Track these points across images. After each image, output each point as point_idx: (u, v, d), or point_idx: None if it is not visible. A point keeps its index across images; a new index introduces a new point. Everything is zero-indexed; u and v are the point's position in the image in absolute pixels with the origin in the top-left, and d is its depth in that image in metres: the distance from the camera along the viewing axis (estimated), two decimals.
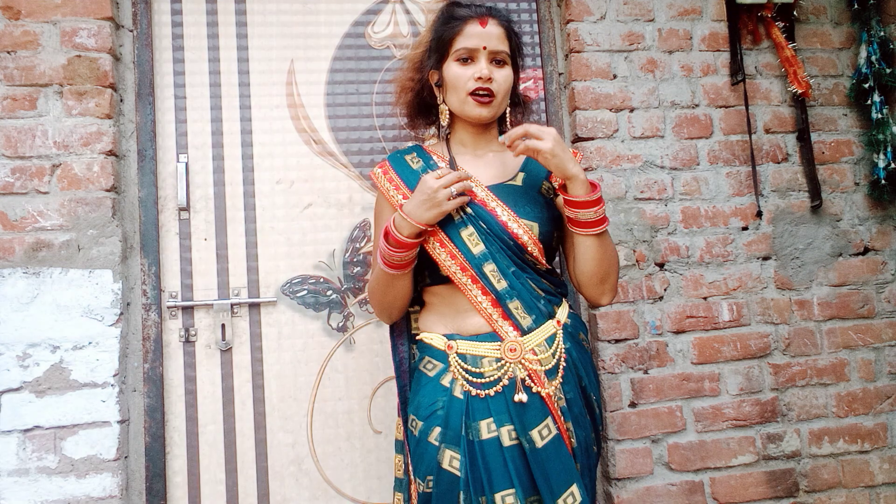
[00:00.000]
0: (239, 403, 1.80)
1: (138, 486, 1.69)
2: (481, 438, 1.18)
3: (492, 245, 1.25)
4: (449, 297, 1.29)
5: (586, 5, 1.98)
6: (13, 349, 1.62)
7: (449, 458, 1.19)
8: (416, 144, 1.44)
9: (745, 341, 1.92)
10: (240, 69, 1.91)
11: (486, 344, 1.24)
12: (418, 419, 1.24)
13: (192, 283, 1.81)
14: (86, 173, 1.70)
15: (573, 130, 1.97)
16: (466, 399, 1.21)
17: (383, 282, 1.28)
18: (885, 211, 2.06)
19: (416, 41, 1.43)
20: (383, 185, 1.35)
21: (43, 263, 1.66)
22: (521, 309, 1.24)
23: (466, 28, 1.28)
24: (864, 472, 1.93)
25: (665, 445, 1.85)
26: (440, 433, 1.20)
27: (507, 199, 1.29)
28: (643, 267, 1.91)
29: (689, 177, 1.97)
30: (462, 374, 1.22)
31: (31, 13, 1.72)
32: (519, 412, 1.19)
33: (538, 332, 1.25)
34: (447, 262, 1.25)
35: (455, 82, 1.29)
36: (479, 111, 1.29)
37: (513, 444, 1.18)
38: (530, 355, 1.22)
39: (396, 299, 1.30)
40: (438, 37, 1.32)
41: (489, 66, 1.28)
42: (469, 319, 1.27)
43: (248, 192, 1.88)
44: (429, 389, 1.25)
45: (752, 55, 2.05)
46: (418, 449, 1.23)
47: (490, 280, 1.23)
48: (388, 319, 1.36)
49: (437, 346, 1.27)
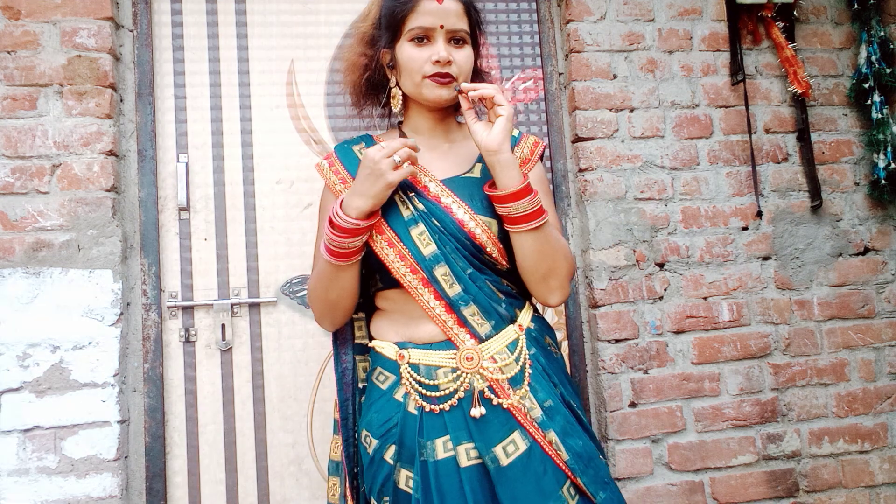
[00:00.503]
0: (239, 403, 1.80)
1: (138, 486, 1.69)
2: (436, 458, 1.06)
3: (445, 245, 1.12)
4: (401, 301, 1.17)
5: (586, 5, 1.98)
6: (13, 349, 1.62)
7: (405, 477, 1.09)
8: (365, 134, 1.32)
9: (745, 341, 1.92)
10: (240, 69, 1.91)
11: (441, 353, 1.12)
12: (372, 437, 1.13)
13: (192, 283, 1.81)
14: (86, 173, 1.70)
15: (573, 130, 1.97)
16: (420, 415, 1.09)
17: (327, 276, 1.14)
18: (885, 211, 2.06)
19: (364, 12, 1.26)
20: (329, 178, 1.22)
21: (43, 263, 1.66)
22: (477, 315, 1.12)
23: (421, 4, 1.13)
24: (864, 472, 1.93)
25: (665, 445, 1.85)
26: (395, 452, 1.10)
27: (462, 194, 1.16)
28: (643, 267, 1.91)
29: (689, 177, 1.97)
30: (415, 388, 1.10)
31: (31, 13, 1.72)
32: (480, 428, 1.07)
33: (498, 339, 1.13)
34: (396, 263, 1.12)
35: (410, 65, 1.15)
36: (439, 92, 1.15)
37: (472, 465, 1.06)
38: (489, 363, 1.10)
39: (341, 297, 1.16)
40: (389, 13, 1.17)
41: (447, 47, 1.14)
42: (422, 326, 1.14)
43: (248, 192, 1.88)
44: (381, 404, 1.14)
45: (752, 55, 2.05)
46: (372, 467, 1.12)
47: (441, 284, 1.11)
48: (330, 324, 1.21)
49: (389, 356, 1.15)
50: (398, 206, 1.14)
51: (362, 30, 1.25)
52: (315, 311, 1.20)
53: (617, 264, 1.89)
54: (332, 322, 1.21)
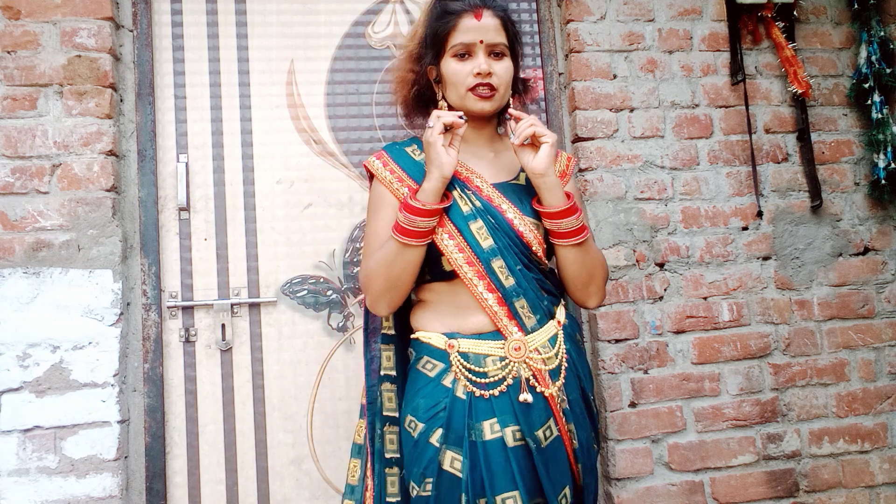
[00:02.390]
0: (239, 403, 1.80)
1: (138, 486, 1.69)
2: (484, 439, 1.16)
3: (500, 241, 1.22)
4: (448, 294, 1.26)
5: (586, 5, 1.98)
6: (13, 349, 1.62)
7: (450, 459, 1.16)
8: (414, 137, 1.40)
9: (745, 341, 1.92)
10: (240, 69, 1.91)
11: (490, 342, 1.21)
12: (418, 421, 1.20)
13: (192, 283, 1.81)
14: (86, 173, 1.70)
15: (573, 130, 1.97)
16: (469, 399, 1.18)
17: (393, 252, 1.20)
18: (885, 211, 2.06)
19: (411, 33, 1.39)
20: (383, 176, 1.30)
21: (43, 263, 1.66)
22: (526, 308, 1.22)
23: (461, 22, 1.24)
24: (864, 472, 1.93)
25: (665, 445, 1.85)
26: (442, 434, 1.17)
27: (511, 198, 1.27)
28: (643, 267, 1.91)
29: (689, 177, 1.97)
30: (465, 374, 1.19)
31: (31, 13, 1.72)
32: (524, 412, 1.17)
33: (542, 332, 1.23)
34: (454, 254, 1.21)
35: (454, 79, 1.26)
36: (482, 105, 1.26)
37: (517, 445, 1.16)
38: (534, 354, 1.21)
39: (403, 274, 1.21)
40: (433, 32, 1.28)
41: (488, 60, 1.25)
42: (471, 317, 1.24)
43: (248, 192, 1.88)
44: (429, 390, 1.21)
45: (752, 55, 2.05)
46: (416, 450, 1.19)
47: (498, 276, 1.21)
48: (387, 304, 1.24)
49: (437, 346, 1.23)
50: (458, 202, 1.24)
51: (410, 48, 1.37)
52: (373, 290, 1.23)
53: (617, 264, 1.89)
54: (389, 301, 1.24)
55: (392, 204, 1.27)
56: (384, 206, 1.28)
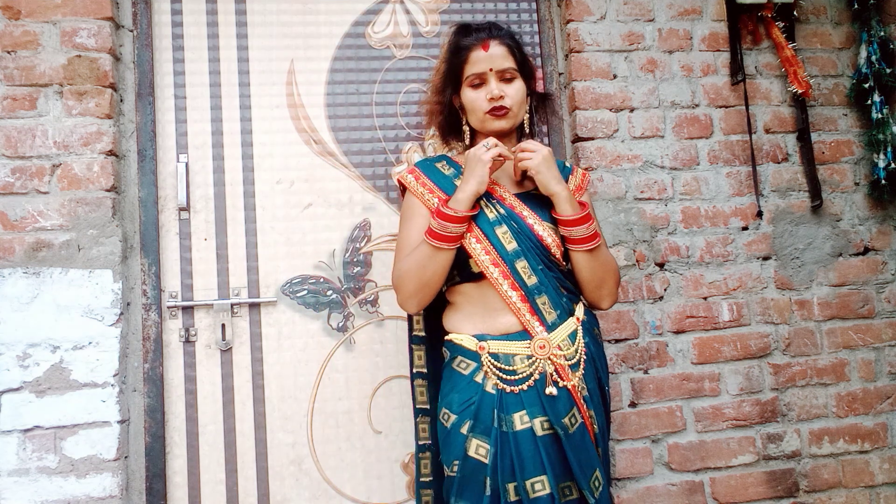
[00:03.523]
0: (239, 403, 1.80)
1: (138, 486, 1.69)
2: (515, 430, 1.28)
3: (523, 244, 1.35)
4: (477, 295, 1.38)
5: (586, 5, 1.98)
6: (13, 349, 1.62)
7: (475, 446, 1.29)
8: (443, 154, 1.55)
9: (745, 341, 1.92)
10: (240, 69, 1.91)
11: (517, 343, 1.33)
12: (451, 413, 1.33)
13: (192, 283, 1.81)
14: (86, 173, 1.70)
15: (573, 130, 1.97)
16: (499, 395, 1.30)
17: (426, 256, 1.33)
18: (885, 211, 2.06)
19: (435, 68, 1.60)
20: (416, 189, 1.44)
21: (43, 263, 1.66)
22: (547, 304, 1.35)
23: (472, 55, 1.41)
24: (864, 472, 1.93)
25: (665, 445, 1.85)
26: (471, 425, 1.30)
27: (532, 206, 1.40)
28: (643, 267, 1.91)
29: (689, 177, 1.97)
30: (495, 373, 1.31)
31: (31, 13, 1.72)
32: (551, 403, 1.29)
33: (562, 329, 1.35)
34: (481, 256, 1.34)
35: (472, 106, 1.43)
36: (499, 124, 1.41)
37: (546, 434, 1.28)
38: (557, 351, 1.32)
39: (435, 275, 1.34)
40: (450, 68, 1.46)
41: (499, 85, 1.40)
42: (499, 318, 1.36)
43: (248, 192, 1.88)
44: (463, 386, 1.34)
45: (752, 55, 2.05)
46: (448, 438, 1.33)
47: (521, 276, 1.34)
48: (417, 304, 1.38)
49: (469, 347, 1.35)
50: (484, 210, 1.38)
51: (435, 81, 1.55)
52: (406, 290, 1.37)
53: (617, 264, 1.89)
54: (420, 300, 1.37)
55: (423, 213, 1.41)
56: (416, 215, 1.42)
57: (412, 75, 1.99)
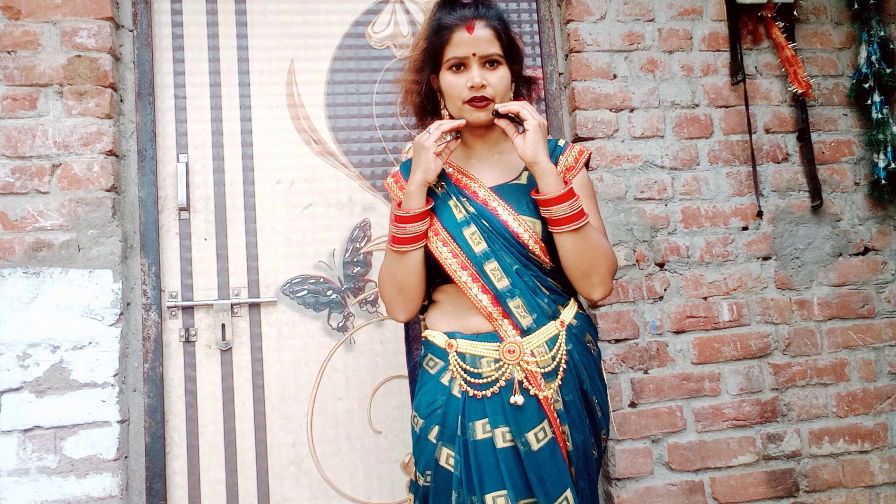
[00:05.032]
0: (239, 403, 1.80)
1: (138, 486, 1.69)
2: (475, 439, 1.19)
3: (494, 243, 1.25)
4: (454, 294, 1.29)
5: (586, 5, 1.98)
6: (13, 349, 1.62)
7: (446, 455, 1.20)
8: None
9: (745, 341, 1.92)
10: (240, 69, 1.91)
11: (486, 344, 1.23)
12: (419, 416, 1.26)
13: (192, 283, 1.81)
14: (86, 173, 1.70)
15: (573, 130, 1.97)
16: (463, 399, 1.21)
17: (394, 260, 1.27)
18: (885, 211, 2.06)
19: (414, 42, 1.42)
20: (396, 193, 1.37)
21: (43, 263, 1.66)
22: (521, 308, 1.23)
23: (454, 36, 1.27)
24: (864, 472, 1.93)
25: (665, 445, 1.85)
26: (438, 431, 1.21)
27: (508, 198, 1.29)
28: (643, 267, 1.91)
29: (689, 177, 1.97)
30: (460, 374, 1.22)
31: (31, 13, 1.72)
32: (515, 414, 1.19)
33: (539, 333, 1.24)
34: (449, 260, 1.25)
35: (450, 91, 1.29)
36: (477, 115, 1.28)
37: (507, 446, 1.18)
38: (529, 357, 1.21)
39: (407, 278, 1.27)
40: (429, 47, 1.32)
41: (481, 72, 1.27)
42: (472, 318, 1.27)
43: (248, 192, 1.88)
44: (429, 387, 1.26)
45: (752, 55, 2.05)
46: (419, 445, 1.25)
47: (490, 278, 1.23)
48: (402, 310, 1.31)
49: (438, 344, 1.28)
50: (452, 210, 1.28)
51: (413, 58, 1.40)
52: (385, 297, 1.31)
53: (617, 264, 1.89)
54: (404, 307, 1.30)
55: None
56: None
57: None
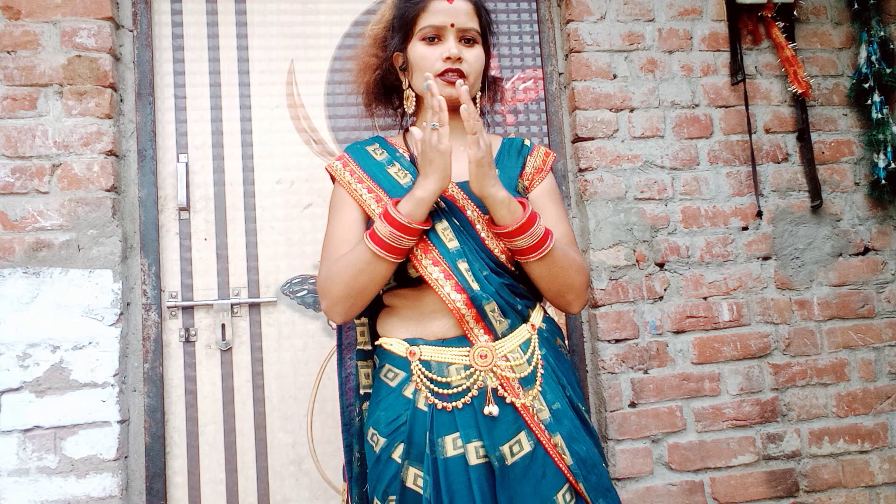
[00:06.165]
0: (239, 403, 1.80)
1: (138, 486, 1.69)
2: (446, 456, 1.06)
3: (466, 244, 1.14)
4: (414, 299, 1.16)
5: (586, 5, 1.98)
6: (13, 349, 1.62)
7: (413, 476, 1.07)
8: (377, 136, 1.31)
9: (745, 341, 1.92)
10: (240, 69, 1.91)
11: (454, 349, 1.11)
12: (379, 435, 1.11)
13: (192, 283, 1.81)
14: (86, 173, 1.70)
15: (573, 130, 1.97)
16: (431, 412, 1.08)
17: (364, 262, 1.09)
18: (885, 211, 2.06)
19: (378, 16, 1.29)
20: (343, 177, 1.21)
21: (43, 263, 1.66)
22: (497, 312, 1.12)
23: (432, 4, 1.16)
24: (864, 472, 1.93)
25: (665, 445, 1.85)
26: (404, 450, 1.08)
27: (475, 198, 1.16)
28: (643, 267, 1.91)
29: (689, 177, 1.97)
30: (426, 385, 1.10)
31: (31, 13, 1.72)
32: (489, 426, 1.07)
33: (512, 337, 1.13)
34: (419, 255, 1.12)
35: (421, 63, 1.17)
36: (449, 91, 1.13)
37: (480, 463, 1.06)
38: (502, 362, 1.10)
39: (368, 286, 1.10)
40: (401, 14, 1.20)
41: (458, 46, 1.16)
42: (435, 322, 1.14)
43: (248, 192, 1.88)
44: (390, 401, 1.13)
45: (752, 55, 2.05)
46: (378, 467, 1.11)
47: (465, 278, 1.11)
48: (343, 313, 1.13)
49: (398, 353, 1.14)
50: None
51: (375, 31, 1.27)
52: (331, 296, 1.12)
53: (617, 264, 1.89)
54: (348, 310, 1.13)
55: (352, 205, 1.19)
56: (344, 206, 1.20)
57: None
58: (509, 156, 1.27)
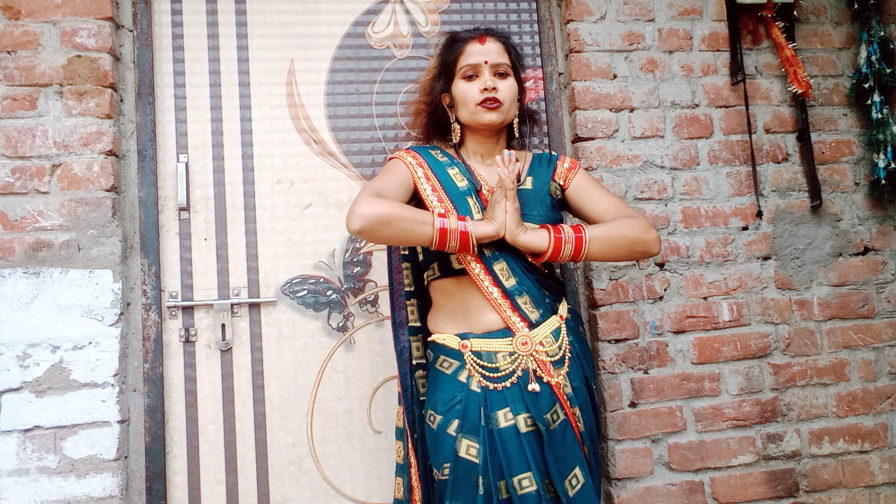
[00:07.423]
0: (239, 403, 1.80)
1: (138, 486, 1.69)
2: (499, 427, 1.29)
3: (502, 246, 1.36)
4: (458, 293, 1.40)
5: (586, 5, 1.98)
6: (13, 349, 1.62)
7: (466, 446, 1.29)
8: (434, 145, 1.55)
9: (745, 341, 1.92)
10: (240, 69, 1.91)
11: (499, 340, 1.35)
12: (437, 413, 1.34)
13: (192, 283, 1.81)
14: (86, 173, 1.70)
15: (573, 130, 1.97)
16: (483, 392, 1.32)
17: (412, 221, 1.29)
18: (885, 211, 2.06)
19: (426, 69, 1.59)
20: (409, 162, 1.44)
21: (43, 263, 1.66)
22: (529, 303, 1.37)
23: (468, 48, 1.44)
24: (864, 472, 1.93)
25: (665, 445, 1.85)
26: (458, 425, 1.30)
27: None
28: (643, 267, 1.91)
29: (689, 177, 1.97)
30: (478, 371, 1.33)
31: (31, 13, 1.72)
32: (533, 400, 1.31)
33: (545, 326, 1.37)
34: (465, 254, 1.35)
35: (464, 97, 1.43)
36: (490, 116, 1.41)
37: (529, 430, 1.30)
38: (539, 347, 1.34)
39: (402, 233, 1.30)
40: (444, 61, 1.47)
41: (493, 79, 1.42)
42: (481, 316, 1.37)
43: (248, 192, 1.88)
44: (447, 386, 1.35)
45: (752, 55, 2.05)
46: (437, 440, 1.33)
47: (500, 277, 1.36)
48: (363, 231, 1.28)
49: (452, 346, 1.37)
50: (471, 208, 1.40)
51: (423, 82, 1.57)
52: (368, 227, 1.27)
53: (617, 264, 1.89)
54: (366, 233, 1.28)
55: (405, 176, 1.42)
56: (398, 173, 1.42)
57: (412, 75, 1.99)
58: (540, 165, 1.54)
